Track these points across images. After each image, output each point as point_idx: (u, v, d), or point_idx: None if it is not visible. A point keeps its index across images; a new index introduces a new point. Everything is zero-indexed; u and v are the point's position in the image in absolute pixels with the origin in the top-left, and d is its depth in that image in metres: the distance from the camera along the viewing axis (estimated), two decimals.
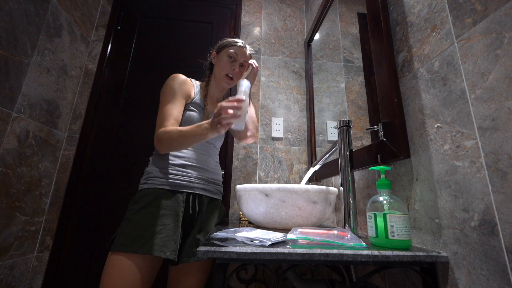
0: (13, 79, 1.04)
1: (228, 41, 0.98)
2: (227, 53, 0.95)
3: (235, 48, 0.96)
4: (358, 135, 0.90)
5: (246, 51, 0.98)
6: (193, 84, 0.97)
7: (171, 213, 0.77)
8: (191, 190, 0.84)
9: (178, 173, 0.83)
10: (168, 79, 0.91)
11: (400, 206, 0.52)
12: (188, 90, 0.91)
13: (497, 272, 0.41)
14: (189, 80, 0.95)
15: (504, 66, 0.43)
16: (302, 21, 1.78)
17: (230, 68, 0.95)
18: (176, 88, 0.88)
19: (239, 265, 0.52)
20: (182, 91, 0.89)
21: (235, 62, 0.96)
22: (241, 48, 0.96)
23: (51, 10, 1.24)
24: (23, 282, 1.14)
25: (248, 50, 0.99)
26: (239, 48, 0.96)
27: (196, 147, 0.89)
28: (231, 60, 0.95)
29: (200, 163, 0.89)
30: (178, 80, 0.90)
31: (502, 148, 0.42)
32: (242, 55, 0.97)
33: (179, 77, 0.91)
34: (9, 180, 1.04)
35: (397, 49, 0.72)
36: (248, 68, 1.03)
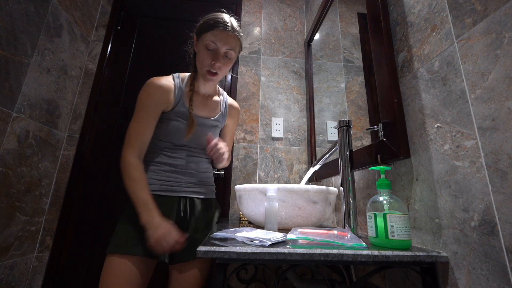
0: (13, 79, 1.04)
1: (207, 22, 0.78)
2: (204, 42, 0.78)
3: (215, 34, 0.76)
4: (358, 135, 0.90)
5: (231, 34, 0.78)
6: (174, 85, 0.84)
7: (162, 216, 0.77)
8: (182, 194, 0.83)
9: (167, 178, 0.82)
10: (143, 87, 0.81)
11: (400, 206, 0.52)
12: (164, 99, 0.81)
13: (497, 272, 0.41)
14: (166, 85, 0.82)
15: (504, 66, 0.43)
16: (302, 21, 1.78)
17: (210, 62, 0.78)
18: (148, 102, 0.79)
19: (239, 265, 0.52)
20: (156, 103, 0.79)
21: (216, 53, 0.78)
22: (223, 32, 0.76)
23: (51, 10, 1.24)
24: (23, 282, 1.14)
25: (235, 32, 0.79)
26: (221, 33, 0.76)
27: (185, 154, 0.86)
28: (210, 52, 0.78)
29: (190, 168, 0.87)
30: (151, 91, 0.79)
31: (502, 148, 0.42)
32: (225, 42, 0.77)
33: (153, 85, 0.80)
34: (9, 180, 1.04)
35: (397, 49, 0.72)
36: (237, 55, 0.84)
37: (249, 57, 1.65)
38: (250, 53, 1.66)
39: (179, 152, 0.85)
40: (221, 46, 0.78)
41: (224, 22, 0.78)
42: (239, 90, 1.58)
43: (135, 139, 0.77)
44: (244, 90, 1.58)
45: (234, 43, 0.80)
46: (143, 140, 0.78)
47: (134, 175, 0.73)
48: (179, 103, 0.83)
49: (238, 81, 1.59)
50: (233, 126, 1.03)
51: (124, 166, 0.75)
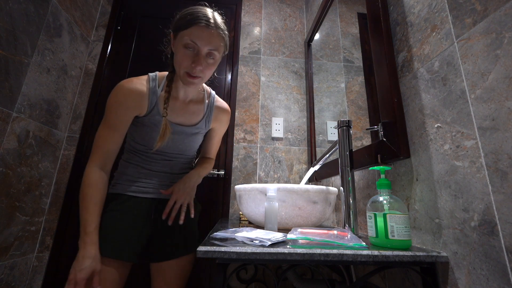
0: (13, 79, 1.04)
1: (186, 17, 0.67)
2: (182, 41, 0.66)
3: (195, 31, 0.65)
4: (358, 135, 0.90)
5: (214, 32, 0.66)
6: (149, 89, 0.75)
7: (133, 217, 0.77)
8: (155, 195, 0.82)
9: (140, 180, 0.81)
10: (112, 91, 0.73)
11: (400, 206, 0.52)
12: (135, 105, 0.74)
13: (497, 272, 0.41)
14: (138, 89, 0.74)
15: (504, 66, 0.43)
16: (302, 21, 1.78)
17: (189, 64, 0.67)
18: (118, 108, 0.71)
19: (239, 265, 0.52)
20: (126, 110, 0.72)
21: (197, 55, 0.67)
22: (205, 29, 0.65)
23: (51, 10, 1.24)
24: (23, 282, 1.14)
25: (219, 30, 0.67)
26: (201, 30, 0.65)
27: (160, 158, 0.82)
28: (190, 52, 0.67)
29: (165, 171, 0.84)
30: (121, 96, 0.72)
31: (502, 148, 0.42)
32: (207, 41, 0.66)
33: (124, 89, 0.72)
34: (9, 180, 1.04)
35: (397, 49, 0.72)
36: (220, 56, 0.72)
37: (249, 57, 1.65)
38: (250, 53, 1.66)
39: (155, 156, 0.82)
40: (203, 46, 0.66)
41: (206, 17, 0.66)
42: (239, 90, 1.58)
43: (100, 148, 0.71)
44: (244, 90, 1.58)
45: (218, 42, 0.68)
46: (110, 149, 0.72)
47: (86, 191, 0.68)
48: (153, 110, 0.76)
49: (238, 81, 1.59)
50: (219, 130, 0.94)
51: (83, 178, 0.70)
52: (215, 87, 1.56)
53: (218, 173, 1.43)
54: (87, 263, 0.63)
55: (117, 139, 0.73)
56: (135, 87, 0.73)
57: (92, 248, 0.65)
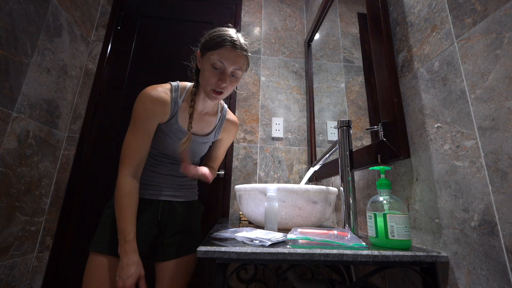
0: (13, 79, 1.04)
1: (214, 39, 0.73)
2: (210, 60, 0.72)
3: (222, 52, 0.71)
4: (358, 135, 0.90)
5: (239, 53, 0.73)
6: (171, 98, 0.79)
7: (140, 219, 0.78)
8: (159, 197, 0.84)
9: (149, 182, 0.83)
10: (138, 98, 0.76)
11: (400, 206, 0.52)
12: (161, 113, 0.77)
13: (497, 272, 0.41)
14: (163, 98, 0.77)
15: (504, 66, 0.43)
16: (302, 21, 1.78)
17: (216, 81, 0.73)
18: (145, 115, 0.74)
19: (239, 265, 0.52)
20: (154, 117, 0.76)
21: (223, 73, 0.73)
22: (231, 50, 0.71)
23: (51, 10, 1.24)
24: (23, 282, 1.14)
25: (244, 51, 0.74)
26: (229, 51, 0.71)
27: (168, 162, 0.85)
28: (217, 71, 0.73)
29: (171, 173, 0.86)
30: (148, 104, 0.75)
31: (502, 148, 0.42)
32: (233, 62, 0.72)
33: (151, 98, 0.75)
34: (9, 180, 1.04)
35: (397, 49, 0.72)
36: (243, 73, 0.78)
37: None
38: (250, 53, 1.65)
39: (163, 159, 0.85)
40: (229, 66, 0.72)
41: (232, 40, 0.72)
42: (239, 90, 1.58)
43: (131, 156, 0.73)
44: (244, 90, 1.58)
45: (242, 62, 0.74)
46: (141, 156, 0.75)
47: (122, 201, 0.70)
48: (172, 119, 0.79)
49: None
50: (227, 141, 0.98)
51: (117, 187, 0.72)
52: None
53: (218, 173, 1.42)
54: (132, 269, 0.67)
55: (146, 145, 0.76)
56: (161, 96, 0.77)
57: (134, 255, 0.68)
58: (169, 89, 0.80)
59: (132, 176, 0.73)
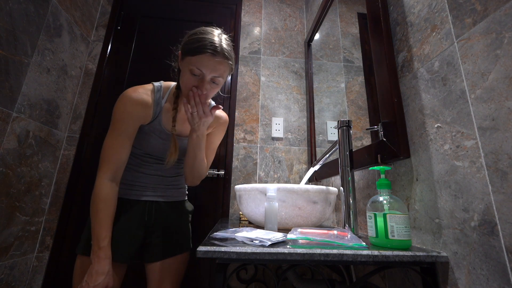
0: (13, 79, 1.04)
1: (193, 42, 0.68)
2: (188, 66, 0.68)
3: (201, 59, 0.67)
4: (358, 135, 0.90)
5: (220, 60, 0.68)
6: (153, 100, 0.77)
7: (126, 221, 0.78)
8: (145, 198, 0.82)
9: (134, 183, 0.82)
10: (119, 100, 0.74)
11: (400, 206, 0.52)
12: (142, 115, 0.75)
13: (497, 272, 0.41)
14: (145, 100, 0.75)
15: (504, 66, 0.43)
16: (302, 21, 1.78)
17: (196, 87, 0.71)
18: (125, 118, 0.72)
19: (239, 265, 0.52)
20: (134, 119, 0.73)
21: (202, 80, 0.69)
22: (211, 57, 0.67)
23: (51, 10, 1.24)
24: (23, 282, 1.14)
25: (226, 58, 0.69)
26: (208, 59, 0.67)
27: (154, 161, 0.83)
28: (195, 77, 0.69)
29: (158, 173, 0.85)
30: (129, 106, 0.72)
31: (502, 148, 0.42)
32: (212, 70, 0.68)
33: (131, 99, 0.73)
34: (9, 180, 1.04)
35: (397, 49, 0.72)
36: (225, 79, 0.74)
37: (249, 57, 1.65)
38: (250, 53, 1.66)
39: (148, 159, 0.83)
40: (208, 74, 0.69)
41: (213, 46, 0.67)
42: (239, 90, 1.58)
43: (111, 159, 0.71)
44: (244, 90, 1.58)
45: (223, 69, 0.70)
46: (120, 159, 0.72)
47: (99, 205, 0.68)
48: (155, 120, 0.78)
49: (238, 81, 1.59)
50: (215, 138, 0.94)
51: (94, 190, 0.70)
52: None
53: (218, 173, 1.42)
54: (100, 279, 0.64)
55: (127, 148, 0.73)
56: (142, 98, 0.75)
57: (106, 263, 0.65)
58: (151, 90, 0.78)
59: (110, 179, 0.71)
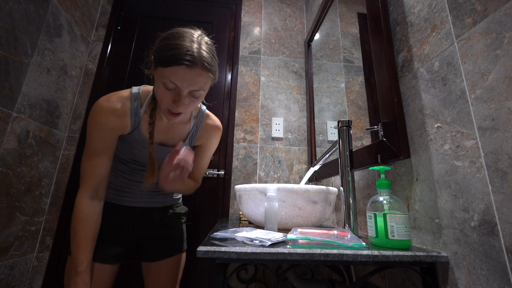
0: (13, 79, 1.04)
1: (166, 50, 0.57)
2: (161, 78, 0.58)
3: (175, 71, 0.56)
4: (358, 135, 0.90)
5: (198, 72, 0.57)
6: (130, 110, 0.68)
7: (111, 224, 0.76)
8: (135, 204, 0.81)
9: (121, 188, 0.79)
10: (92, 110, 0.66)
11: (400, 206, 0.52)
12: (119, 126, 0.67)
13: (497, 272, 0.41)
14: (120, 110, 0.66)
15: (504, 66, 0.43)
16: (302, 21, 1.78)
17: (170, 102, 0.60)
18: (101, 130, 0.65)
19: (239, 265, 0.52)
20: (111, 131, 0.66)
21: (178, 95, 0.59)
22: (187, 70, 0.56)
23: (51, 10, 1.24)
24: (23, 282, 1.14)
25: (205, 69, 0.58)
26: (183, 71, 0.56)
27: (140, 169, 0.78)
28: (170, 91, 0.59)
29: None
30: (103, 118, 0.64)
31: (502, 148, 0.42)
32: (189, 83, 0.57)
33: (105, 110, 0.65)
34: (9, 180, 1.04)
35: (397, 49, 0.72)
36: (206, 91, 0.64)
37: (249, 57, 1.65)
38: (250, 53, 1.66)
39: (136, 167, 0.79)
40: (185, 88, 0.58)
41: (190, 55, 0.56)
42: (239, 90, 1.58)
43: (90, 176, 0.65)
44: (244, 90, 1.58)
45: (203, 81, 0.59)
46: (99, 174, 0.66)
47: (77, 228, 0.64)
48: (135, 130, 0.70)
49: (238, 81, 1.59)
50: (207, 148, 0.85)
51: (74, 210, 0.65)
52: (215, 87, 1.56)
53: (218, 173, 1.42)
54: None
55: (105, 162, 0.67)
56: (115, 107, 0.66)
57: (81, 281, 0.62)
58: (127, 98, 0.69)
59: (91, 197, 0.66)
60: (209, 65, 0.59)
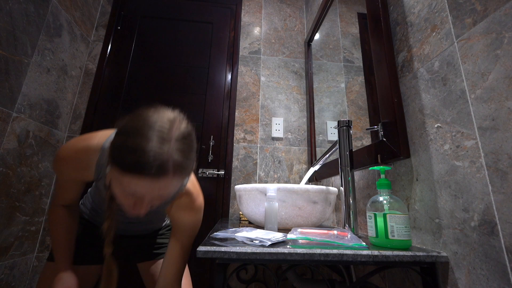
0: (13, 79, 1.04)
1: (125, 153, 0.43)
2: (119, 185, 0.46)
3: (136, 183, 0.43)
4: (358, 135, 0.90)
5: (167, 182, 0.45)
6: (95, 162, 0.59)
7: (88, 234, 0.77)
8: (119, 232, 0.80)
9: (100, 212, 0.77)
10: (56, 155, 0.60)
11: (400, 206, 0.52)
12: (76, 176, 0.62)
13: (497, 272, 0.41)
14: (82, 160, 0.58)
15: (504, 66, 0.43)
16: (302, 21, 1.78)
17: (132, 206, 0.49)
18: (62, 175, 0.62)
19: (239, 265, 0.52)
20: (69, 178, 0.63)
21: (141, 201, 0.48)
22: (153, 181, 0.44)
23: (51, 10, 1.24)
24: (23, 282, 1.14)
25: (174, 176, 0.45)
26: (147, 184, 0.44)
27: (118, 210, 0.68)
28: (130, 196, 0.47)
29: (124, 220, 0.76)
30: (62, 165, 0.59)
31: (502, 148, 0.42)
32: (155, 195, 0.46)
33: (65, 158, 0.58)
34: (9, 180, 1.04)
35: (397, 49, 0.72)
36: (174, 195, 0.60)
37: (249, 57, 1.65)
38: (250, 53, 1.66)
39: None
40: (149, 199, 0.47)
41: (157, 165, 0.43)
42: (239, 90, 1.58)
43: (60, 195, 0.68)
44: (244, 90, 1.58)
45: (172, 189, 0.48)
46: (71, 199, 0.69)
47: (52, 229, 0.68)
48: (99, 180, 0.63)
49: (238, 81, 1.59)
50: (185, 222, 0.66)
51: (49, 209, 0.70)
52: (215, 87, 1.56)
53: (218, 173, 1.43)
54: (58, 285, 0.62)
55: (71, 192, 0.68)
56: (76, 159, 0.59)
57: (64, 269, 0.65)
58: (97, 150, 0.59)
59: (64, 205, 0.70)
60: (183, 169, 0.47)
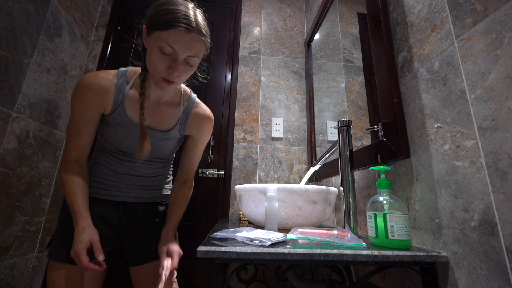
0: (13, 79, 1.04)
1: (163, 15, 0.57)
2: (157, 43, 0.57)
3: (174, 35, 0.56)
4: (358, 135, 0.90)
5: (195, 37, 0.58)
6: (115, 85, 0.67)
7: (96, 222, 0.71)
8: (119, 198, 0.76)
9: (107, 182, 0.75)
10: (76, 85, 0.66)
11: (400, 206, 0.52)
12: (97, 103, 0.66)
13: (497, 272, 0.41)
14: (101, 85, 0.66)
15: (504, 66, 0.43)
16: (302, 21, 1.78)
17: (166, 69, 0.60)
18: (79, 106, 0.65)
19: (239, 265, 0.52)
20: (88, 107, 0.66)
21: (174, 60, 0.59)
22: (185, 33, 0.56)
23: (51, 10, 1.24)
24: (23, 282, 1.14)
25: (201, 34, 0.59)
26: (181, 35, 0.56)
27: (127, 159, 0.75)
28: (166, 56, 0.59)
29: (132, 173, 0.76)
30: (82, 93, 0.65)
31: (502, 148, 0.42)
32: (186, 48, 0.58)
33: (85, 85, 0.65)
34: (9, 180, 1.04)
35: (397, 49, 0.72)
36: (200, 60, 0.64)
37: (249, 57, 1.65)
38: (250, 53, 1.66)
39: (121, 157, 0.75)
40: (182, 53, 0.58)
41: (187, 19, 0.57)
42: (239, 90, 1.58)
43: (72, 142, 0.68)
44: (244, 90, 1.58)
45: (199, 48, 0.60)
46: (81, 145, 0.68)
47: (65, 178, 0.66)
48: (118, 108, 0.68)
49: (238, 81, 1.59)
50: (199, 140, 0.80)
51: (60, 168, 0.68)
52: (215, 87, 1.56)
53: (218, 173, 1.42)
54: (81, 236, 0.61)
55: (86, 135, 0.68)
56: (97, 82, 0.65)
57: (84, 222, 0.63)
58: (114, 75, 0.68)
59: (75, 159, 0.68)
60: (205, 32, 0.61)
